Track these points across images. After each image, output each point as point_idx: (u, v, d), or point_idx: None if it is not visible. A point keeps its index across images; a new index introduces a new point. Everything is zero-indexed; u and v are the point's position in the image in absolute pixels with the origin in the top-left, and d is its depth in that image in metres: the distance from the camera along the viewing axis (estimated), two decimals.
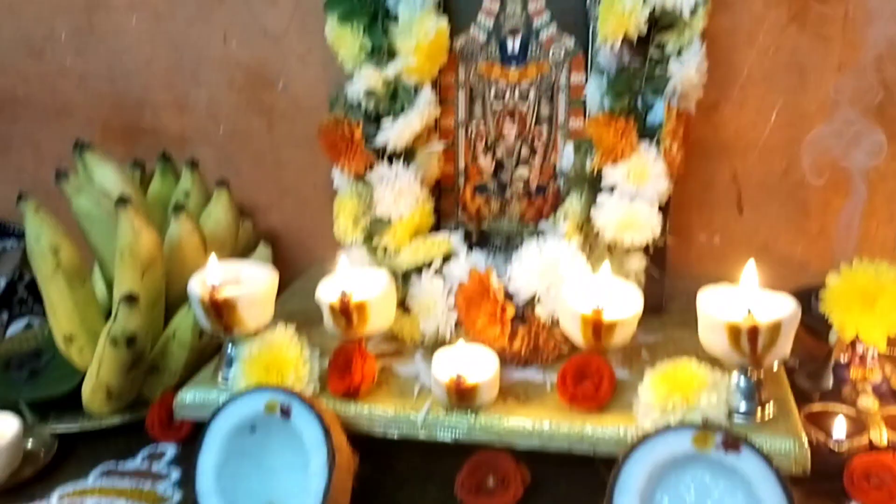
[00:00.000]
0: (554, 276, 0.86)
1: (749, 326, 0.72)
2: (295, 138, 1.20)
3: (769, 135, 1.05)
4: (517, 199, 1.03)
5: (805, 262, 1.09)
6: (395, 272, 0.94)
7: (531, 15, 0.97)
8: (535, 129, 1.01)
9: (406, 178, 0.93)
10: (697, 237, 1.12)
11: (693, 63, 0.87)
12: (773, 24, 1.01)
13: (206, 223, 1.09)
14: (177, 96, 1.22)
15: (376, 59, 0.93)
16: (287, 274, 1.21)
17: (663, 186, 0.88)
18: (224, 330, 0.84)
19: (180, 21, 1.18)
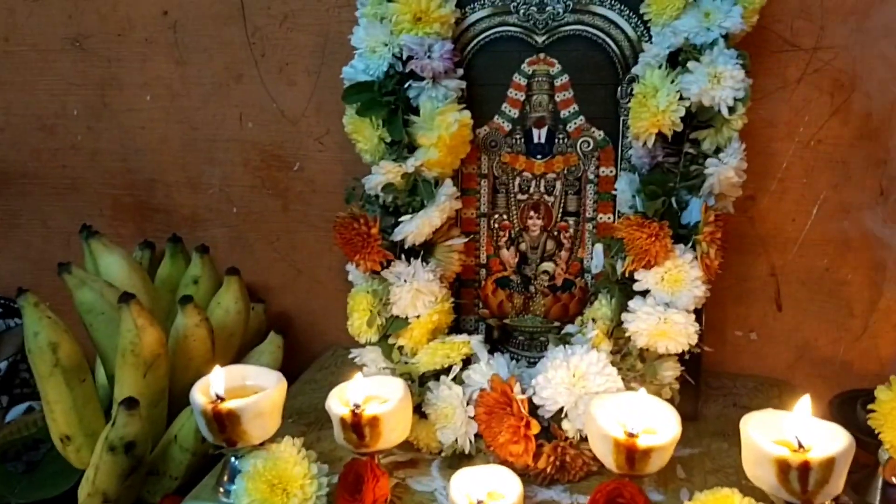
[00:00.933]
0: (582, 390, 0.80)
1: (800, 462, 0.66)
2: (310, 220, 1.16)
3: (810, 229, 0.99)
4: (541, 295, 0.98)
5: (848, 363, 1.02)
6: (411, 375, 0.88)
7: (558, 105, 0.93)
8: (561, 222, 0.96)
9: (424, 276, 0.88)
10: (733, 333, 1.06)
11: (732, 162, 0.82)
12: (814, 116, 0.96)
13: (215, 312, 1.04)
14: (190, 175, 1.19)
15: (396, 151, 0.89)
16: (300, 358, 1.17)
17: (700, 292, 0.83)
18: (227, 443, 0.78)
19: (196, 100, 1.15)
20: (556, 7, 0.91)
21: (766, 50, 0.95)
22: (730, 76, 0.80)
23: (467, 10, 0.92)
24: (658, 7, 0.85)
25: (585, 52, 0.91)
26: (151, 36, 1.15)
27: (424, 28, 0.88)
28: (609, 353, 0.84)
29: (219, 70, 1.13)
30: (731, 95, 0.81)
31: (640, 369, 0.85)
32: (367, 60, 0.90)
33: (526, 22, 0.92)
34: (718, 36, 0.81)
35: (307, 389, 1.04)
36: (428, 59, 0.88)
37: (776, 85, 0.96)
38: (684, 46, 0.82)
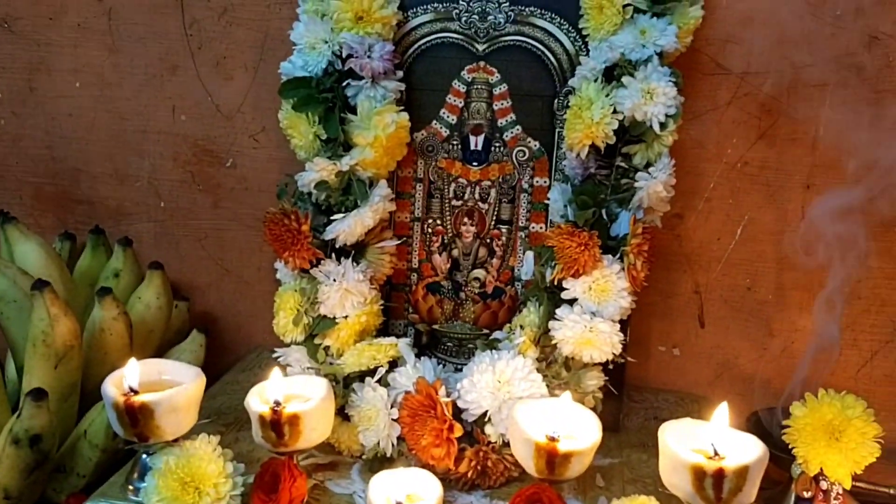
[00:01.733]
0: (507, 395, 0.80)
1: (715, 469, 0.67)
2: (240, 218, 1.14)
3: (734, 249, 1.02)
4: (472, 302, 0.97)
5: (767, 381, 1.05)
6: (335, 376, 0.87)
7: (496, 114, 0.94)
8: (494, 230, 0.96)
9: (354, 277, 0.87)
10: (657, 348, 1.08)
11: (661, 177, 0.84)
12: (742, 138, 0.99)
13: (135, 307, 1.01)
14: (117, 167, 1.15)
15: (331, 149, 0.88)
16: (223, 359, 1.14)
17: (626, 303, 0.84)
18: (139, 437, 0.75)
19: (127, 89, 1.12)
20: (498, 17, 0.92)
21: (699, 72, 0.97)
22: (662, 93, 0.82)
23: (410, 14, 0.92)
24: (596, 22, 0.87)
25: (525, 63, 0.92)
26: (85, 21, 1.12)
27: (365, 27, 0.88)
28: (535, 360, 0.84)
29: (153, 60, 1.11)
30: (662, 111, 0.82)
31: (564, 377, 0.85)
32: (306, 57, 0.89)
33: (467, 29, 0.92)
34: (653, 53, 0.83)
35: (229, 390, 1.01)
36: (368, 58, 0.87)
37: (707, 107, 0.99)
38: (620, 62, 0.84)
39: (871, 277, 1.00)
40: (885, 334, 1.02)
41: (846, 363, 1.04)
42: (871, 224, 0.97)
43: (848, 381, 1.03)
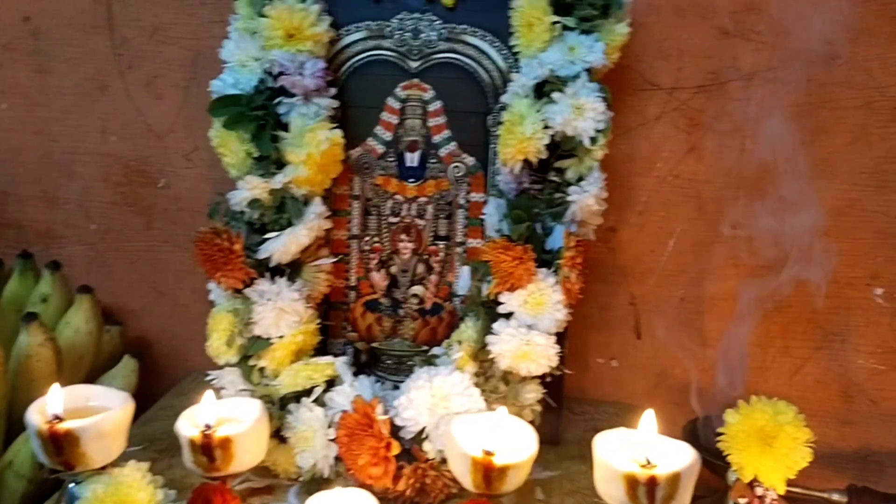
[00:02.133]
0: (444, 411, 0.80)
1: (647, 478, 0.68)
2: (174, 239, 1.12)
3: (667, 261, 1.04)
4: (411, 319, 0.97)
5: (702, 390, 1.06)
6: (271, 398, 0.85)
7: (431, 130, 0.94)
8: (431, 246, 0.96)
9: (289, 296, 0.86)
10: (595, 360, 1.09)
11: (593, 190, 0.85)
12: (671, 152, 1.01)
13: (64, 332, 0.98)
14: (46, 189, 1.12)
15: (264, 167, 0.87)
16: (158, 385, 1.12)
17: (561, 316, 0.84)
18: (65, 466, 0.73)
19: (56, 110, 1.10)
20: (430, 34, 0.92)
21: (629, 88, 1.00)
22: (591, 108, 0.84)
23: (343, 32, 0.92)
24: (526, 39, 0.88)
25: (458, 80, 0.93)
26: (11, 42, 1.09)
27: (297, 45, 0.87)
28: (473, 375, 0.84)
29: (82, 80, 1.09)
30: (592, 126, 0.84)
31: (503, 391, 0.86)
32: (237, 74, 0.88)
33: (400, 47, 0.93)
34: (582, 69, 0.85)
35: (162, 416, 0.99)
36: (299, 76, 0.87)
37: (637, 122, 1.01)
38: (550, 78, 0.85)
39: (801, 285, 1.03)
40: (815, 341, 1.05)
41: (779, 370, 1.06)
42: (797, 235, 1.00)
43: (782, 388, 1.06)
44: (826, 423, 1.07)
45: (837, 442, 1.07)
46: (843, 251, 1.01)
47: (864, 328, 1.03)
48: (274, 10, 0.87)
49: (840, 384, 1.05)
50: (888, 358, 1.04)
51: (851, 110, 0.97)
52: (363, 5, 0.92)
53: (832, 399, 1.06)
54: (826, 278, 1.01)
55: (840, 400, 1.06)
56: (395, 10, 0.92)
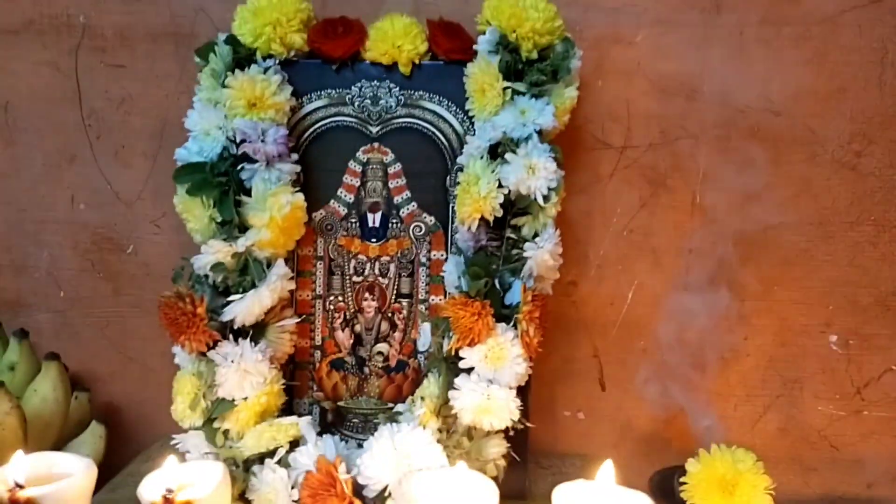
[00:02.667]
0: (407, 468, 0.81)
1: None
2: (143, 304, 1.13)
3: (627, 313, 1.07)
4: (376, 376, 0.98)
5: (667, 441, 1.08)
6: (235, 460, 0.86)
7: (392, 192, 0.97)
8: (395, 304, 0.98)
9: (253, 357, 0.87)
10: (562, 414, 1.10)
11: (548, 246, 0.88)
12: (625, 208, 1.04)
13: (31, 400, 0.99)
14: (14, 258, 1.13)
15: (227, 231, 0.89)
16: (127, 451, 1.11)
17: (521, 369, 0.86)
18: None
19: (25, 180, 1.12)
20: (389, 101, 0.96)
21: (581, 147, 1.03)
22: (543, 167, 0.87)
23: (304, 100, 0.95)
24: (479, 104, 0.91)
25: (416, 143, 0.96)
26: None
27: (259, 113, 0.90)
28: (437, 431, 0.85)
29: (51, 151, 1.11)
30: (545, 185, 0.87)
31: (466, 446, 0.87)
32: (201, 143, 0.91)
33: (361, 113, 0.96)
34: (533, 131, 0.88)
35: (130, 482, 0.98)
36: (261, 143, 0.89)
37: (591, 179, 1.04)
38: (503, 140, 0.88)
39: (757, 334, 1.06)
40: (775, 388, 1.07)
41: (742, 418, 1.08)
42: (751, 283, 1.03)
43: (745, 436, 1.07)
44: (791, 470, 1.08)
45: (802, 489, 1.08)
46: (795, 300, 1.04)
47: (821, 375, 1.06)
48: (236, 80, 0.90)
49: (801, 431, 1.07)
50: (846, 404, 1.06)
51: (796, 164, 1.01)
52: (323, 74, 0.95)
53: (794, 446, 1.08)
54: (780, 326, 1.05)
55: (802, 447, 1.07)
56: (355, 79, 0.96)
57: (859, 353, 1.05)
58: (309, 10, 0.96)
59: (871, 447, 1.06)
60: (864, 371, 1.05)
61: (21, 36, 1.08)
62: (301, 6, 0.95)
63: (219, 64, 0.92)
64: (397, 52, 0.94)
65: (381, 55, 0.94)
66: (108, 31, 1.07)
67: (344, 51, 0.94)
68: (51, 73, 1.09)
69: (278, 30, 0.92)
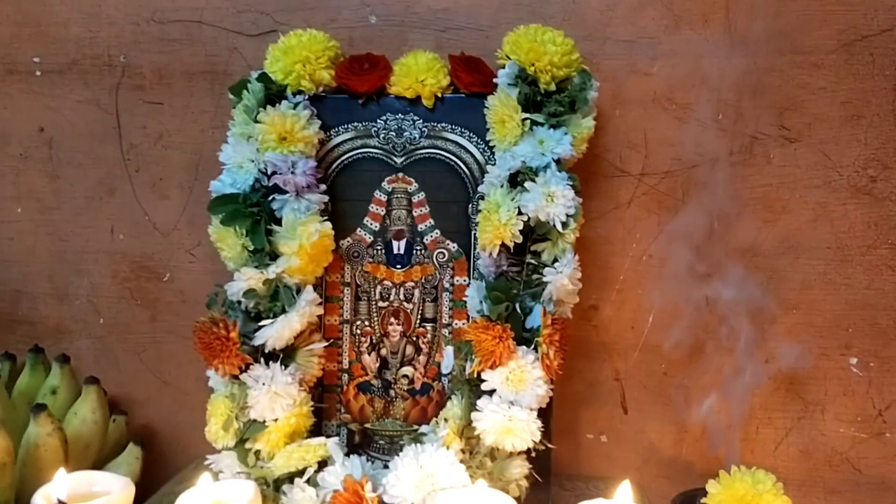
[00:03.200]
0: (431, 487, 0.83)
1: None
2: (178, 330, 1.17)
3: (647, 336, 1.08)
4: (401, 399, 1.01)
5: (690, 463, 1.09)
6: (266, 479, 0.89)
7: (416, 220, 1.00)
8: (419, 328, 1.01)
9: (283, 380, 0.90)
10: (585, 436, 1.11)
11: (567, 272, 0.90)
12: (644, 233, 1.07)
13: (72, 422, 1.03)
14: (57, 287, 1.19)
15: (258, 259, 0.93)
16: (163, 472, 1.15)
17: (542, 391, 0.88)
18: None
19: (67, 212, 1.17)
20: (413, 133, 1.00)
21: (600, 175, 1.06)
22: (561, 195, 0.90)
23: (332, 133, 1.00)
24: (500, 135, 0.95)
25: (439, 173, 0.99)
26: (26, 151, 1.18)
27: (289, 147, 0.95)
28: (460, 451, 0.88)
29: (92, 184, 1.16)
30: (563, 212, 0.90)
31: (489, 467, 0.89)
32: (235, 175, 0.96)
33: (386, 145, 1.00)
34: (551, 160, 0.91)
35: (165, 502, 1.02)
36: (291, 174, 0.94)
37: (610, 206, 1.07)
38: (522, 169, 0.92)
39: (777, 357, 1.07)
40: (796, 411, 1.08)
41: (764, 441, 1.09)
42: (770, 307, 1.05)
43: (767, 459, 1.08)
44: (814, 493, 1.08)
45: None
46: (814, 323, 1.05)
47: (842, 397, 1.06)
48: (268, 116, 0.94)
49: (824, 453, 1.08)
50: (868, 426, 1.06)
51: (812, 189, 1.03)
52: (350, 108, 1.00)
53: (817, 468, 1.08)
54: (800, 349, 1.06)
55: (825, 469, 1.08)
56: (380, 112, 1.00)
57: (880, 375, 1.05)
58: (336, 47, 1.01)
59: (895, 469, 1.06)
60: (885, 393, 1.05)
61: (65, 76, 1.15)
62: (329, 44, 1.00)
63: (251, 100, 0.96)
64: (421, 86, 0.98)
65: (406, 89, 0.98)
66: (146, 69, 1.13)
67: (370, 86, 0.99)
68: (92, 111, 1.15)
69: (307, 67, 0.97)
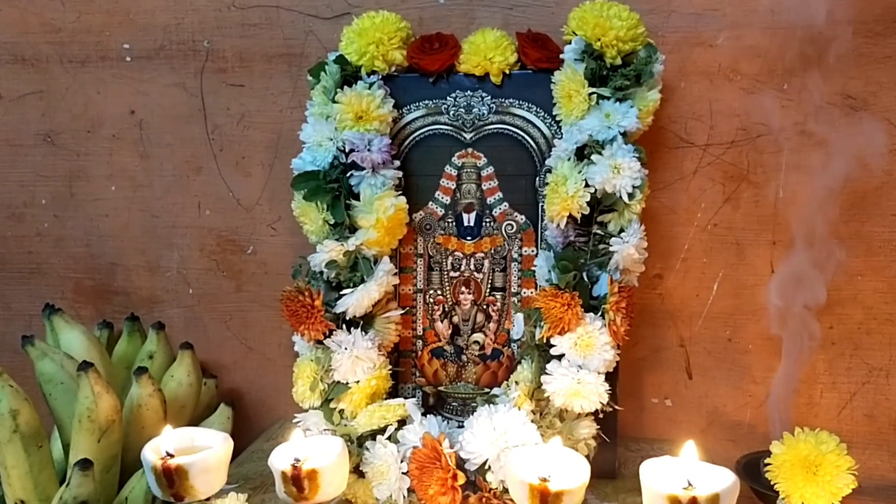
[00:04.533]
0: (504, 444, 0.88)
1: (689, 498, 0.74)
2: (261, 300, 1.25)
3: (712, 304, 1.11)
4: (473, 364, 1.07)
5: (754, 426, 1.12)
6: (350, 436, 0.96)
7: (485, 193, 1.05)
8: (489, 296, 1.06)
9: (363, 345, 0.96)
10: (649, 401, 1.15)
11: (633, 241, 0.94)
12: (709, 203, 1.09)
13: (169, 384, 1.11)
14: (149, 259, 1.27)
15: (338, 232, 0.99)
16: (249, 432, 1.23)
17: (609, 356, 0.92)
18: (175, 497, 0.84)
19: (157, 190, 1.25)
20: (482, 109, 1.04)
21: (665, 147, 1.09)
22: (628, 167, 0.93)
23: (404, 111, 1.04)
24: (566, 109, 0.98)
25: (507, 147, 1.03)
26: (118, 132, 1.26)
27: (365, 125, 1.00)
28: (531, 412, 0.93)
29: (180, 163, 1.24)
30: (629, 184, 0.93)
31: (558, 427, 0.94)
32: (314, 153, 1.01)
33: (455, 121, 1.04)
34: (617, 133, 0.94)
35: (254, 458, 1.10)
36: (368, 151, 0.99)
37: (675, 177, 1.09)
38: (589, 142, 0.95)
39: (842, 323, 1.08)
40: (861, 376, 1.09)
41: (828, 405, 1.11)
42: (835, 274, 1.06)
43: (831, 423, 1.10)
44: (878, 456, 1.10)
45: (890, 473, 1.10)
46: (879, 289, 1.07)
47: None
48: (345, 96, 1.00)
49: (888, 417, 1.09)
50: None
51: (876, 157, 1.04)
52: (421, 87, 1.04)
53: (882, 432, 1.10)
54: (864, 315, 1.07)
55: (890, 432, 1.10)
56: (450, 90, 1.04)
57: None
58: (407, 28, 1.05)
59: None
60: None
61: (153, 61, 1.22)
62: (400, 25, 1.04)
63: (329, 81, 1.02)
64: (489, 63, 1.02)
65: (474, 67, 1.02)
66: (228, 53, 1.19)
67: (440, 64, 1.03)
68: (179, 93, 1.22)
69: (381, 48, 1.02)
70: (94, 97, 1.25)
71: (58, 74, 1.25)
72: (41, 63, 1.25)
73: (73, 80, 1.25)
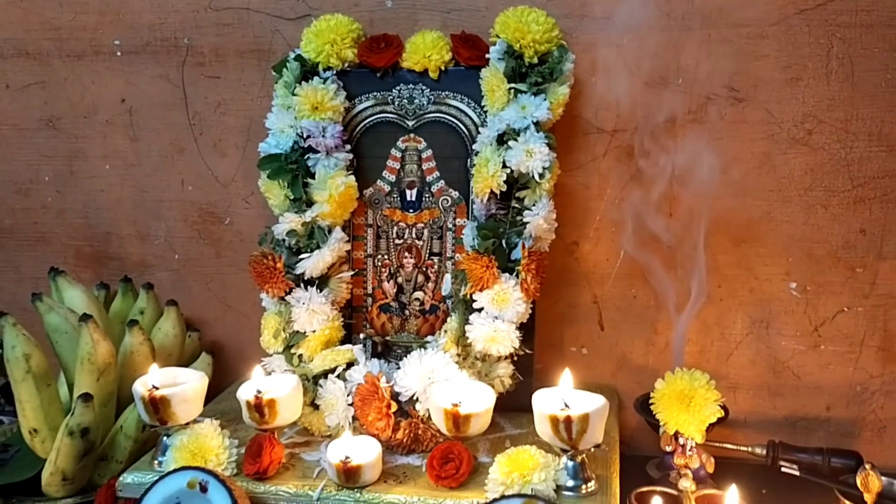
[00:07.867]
0: (431, 380, 1.07)
1: (564, 417, 0.94)
2: (238, 264, 1.43)
3: (620, 266, 1.29)
4: (414, 317, 1.25)
5: (655, 370, 1.30)
6: (307, 376, 1.15)
7: (425, 173, 1.23)
8: (428, 260, 1.24)
9: (318, 300, 1.15)
10: (569, 349, 1.34)
11: (542, 213, 1.11)
12: (617, 180, 1.27)
13: (157, 336, 1.30)
14: (140, 229, 1.45)
15: (297, 206, 1.17)
16: (229, 378, 1.41)
17: (521, 309, 1.11)
18: (160, 422, 1.03)
19: (146, 168, 1.43)
20: (422, 100, 1.21)
21: (580, 132, 1.26)
22: (539, 151, 1.10)
23: (356, 102, 1.21)
24: (490, 101, 1.15)
25: (444, 134, 1.20)
26: (111, 118, 1.42)
27: (320, 115, 1.17)
28: (456, 356, 1.11)
29: (165, 145, 1.41)
30: (540, 165, 1.10)
31: (479, 367, 1.13)
32: (278, 138, 1.19)
33: (400, 111, 1.22)
34: (531, 123, 1.11)
35: (230, 398, 1.28)
36: (322, 137, 1.17)
37: (588, 158, 1.27)
38: (507, 130, 1.12)
39: (728, 282, 1.27)
40: (744, 327, 1.28)
41: (718, 352, 1.30)
42: (722, 241, 1.25)
43: (721, 367, 1.29)
44: (760, 396, 1.29)
45: (770, 411, 1.29)
46: (760, 254, 1.25)
47: (783, 316, 1.26)
48: (303, 90, 1.17)
49: (768, 363, 1.28)
50: (805, 339, 1.26)
51: (757, 142, 1.22)
52: (370, 81, 1.21)
53: (763, 375, 1.29)
54: (747, 276, 1.26)
55: (769, 375, 1.28)
56: (395, 83, 1.21)
57: (815, 297, 1.25)
58: (359, 29, 1.22)
59: (828, 376, 1.27)
60: (819, 312, 1.25)
61: (140, 55, 1.39)
62: (352, 27, 1.21)
63: (290, 77, 1.19)
64: (427, 61, 1.18)
65: (415, 64, 1.19)
66: (206, 49, 1.36)
67: (386, 62, 1.20)
68: (163, 84, 1.39)
69: (335, 47, 1.18)
70: (90, 87, 1.42)
71: (57, 67, 1.42)
72: (42, 57, 1.42)
73: (71, 72, 1.42)
